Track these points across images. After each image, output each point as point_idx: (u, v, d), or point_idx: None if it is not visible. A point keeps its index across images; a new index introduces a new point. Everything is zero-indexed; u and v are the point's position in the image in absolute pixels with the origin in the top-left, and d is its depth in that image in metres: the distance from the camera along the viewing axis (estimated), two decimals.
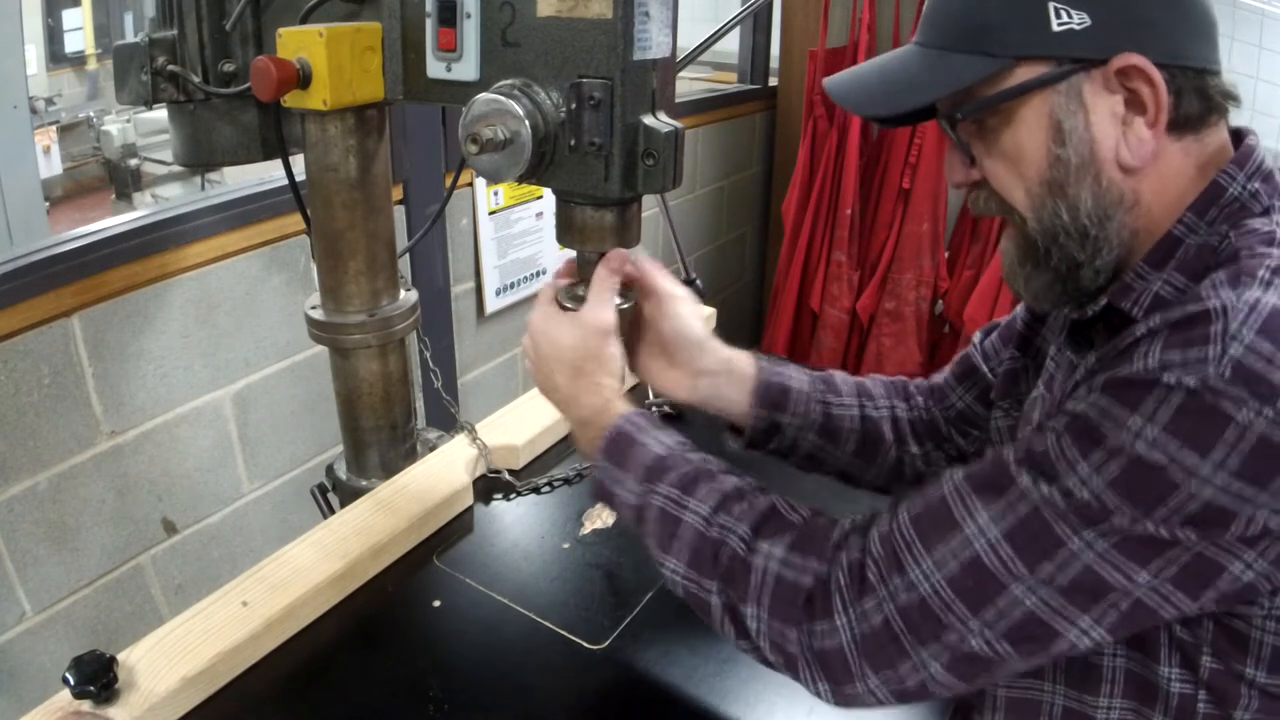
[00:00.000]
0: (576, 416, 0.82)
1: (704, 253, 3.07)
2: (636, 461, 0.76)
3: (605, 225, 0.81)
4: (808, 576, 0.66)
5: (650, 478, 0.75)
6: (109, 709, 0.79)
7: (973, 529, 0.61)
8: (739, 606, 0.69)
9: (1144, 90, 0.62)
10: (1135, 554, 0.56)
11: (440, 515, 1.09)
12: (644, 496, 0.74)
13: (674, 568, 0.73)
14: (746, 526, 0.70)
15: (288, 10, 0.95)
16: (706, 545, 0.71)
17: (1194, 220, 0.64)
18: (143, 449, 1.49)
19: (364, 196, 1.01)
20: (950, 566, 0.61)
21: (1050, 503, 0.58)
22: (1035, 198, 0.68)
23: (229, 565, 1.67)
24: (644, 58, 0.74)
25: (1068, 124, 0.64)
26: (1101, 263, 0.67)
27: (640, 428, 0.78)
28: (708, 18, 3.77)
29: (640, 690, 0.86)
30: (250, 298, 1.59)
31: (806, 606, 0.66)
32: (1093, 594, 0.58)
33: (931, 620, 0.61)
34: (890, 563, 0.63)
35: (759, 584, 0.68)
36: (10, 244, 1.80)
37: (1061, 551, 0.57)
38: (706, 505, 0.72)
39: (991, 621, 0.60)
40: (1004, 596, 0.59)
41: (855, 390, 0.98)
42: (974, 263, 2.66)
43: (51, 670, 1.39)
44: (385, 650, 0.91)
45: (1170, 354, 0.55)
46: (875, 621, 0.63)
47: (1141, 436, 0.54)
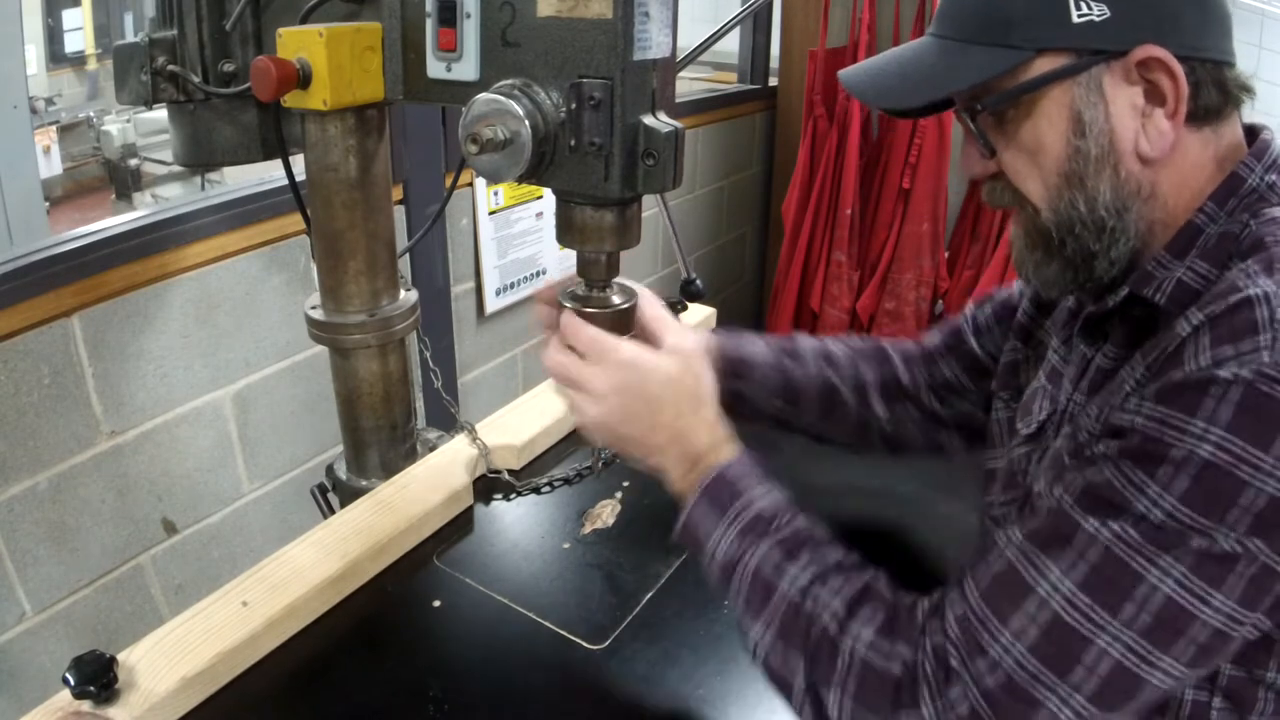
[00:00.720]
0: (680, 452, 0.76)
1: (704, 253, 3.07)
2: (739, 512, 0.72)
3: (605, 225, 0.80)
4: (896, 664, 0.63)
5: (753, 532, 0.71)
6: (109, 709, 0.78)
7: (1046, 588, 0.59)
8: (821, 690, 0.65)
9: (1164, 82, 0.62)
10: (1212, 575, 0.55)
11: (440, 515, 1.09)
12: (740, 552, 0.71)
13: (760, 635, 0.69)
14: (841, 603, 0.67)
15: (288, 10, 0.95)
16: (799, 619, 0.67)
17: (1214, 210, 0.64)
18: (143, 449, 1.49)
19: (364, 196, 1.01)
20: (1029, 634, 0.59)
21: (1122, 538, 0.56)
22: (1052, 189, 0.67)
23: (229, 565, 1.67)
24: (644, 58, 0.74)
25: (1088, 115, 0.64)
26: (1117, 254, 0.67)
27: (747, 476, 0.74)
28: (708, 18, 3.77)
29: (640, 690, 0.86)
30: (250, 298, 1.59)
31: (895, 697, 0.62)
32: (1175, 629, 0.56)
33: (1019, 698, 0.58)
34: (970, 645, 0.61)
35: (845, 668, 0.65)
36: (10, 244, 1.80)
37: (1141, 587, 0.56)
38: (806, 575, 0.69)
39: (1079, 683, 0.57)
40: (1089, 652, 0.57)
41: (818, 355, 0.97)
42: (974, 263, 2.66)
43: (51, 670, 1.39)
44: (385, 650, 0.91)
45: (1221, 349, 0.55)
46: (962, 712, 0.60)
47: (1206, 440, 0.54)
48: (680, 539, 0.77)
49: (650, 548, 1.06)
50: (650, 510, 1.14)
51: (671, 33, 0.77)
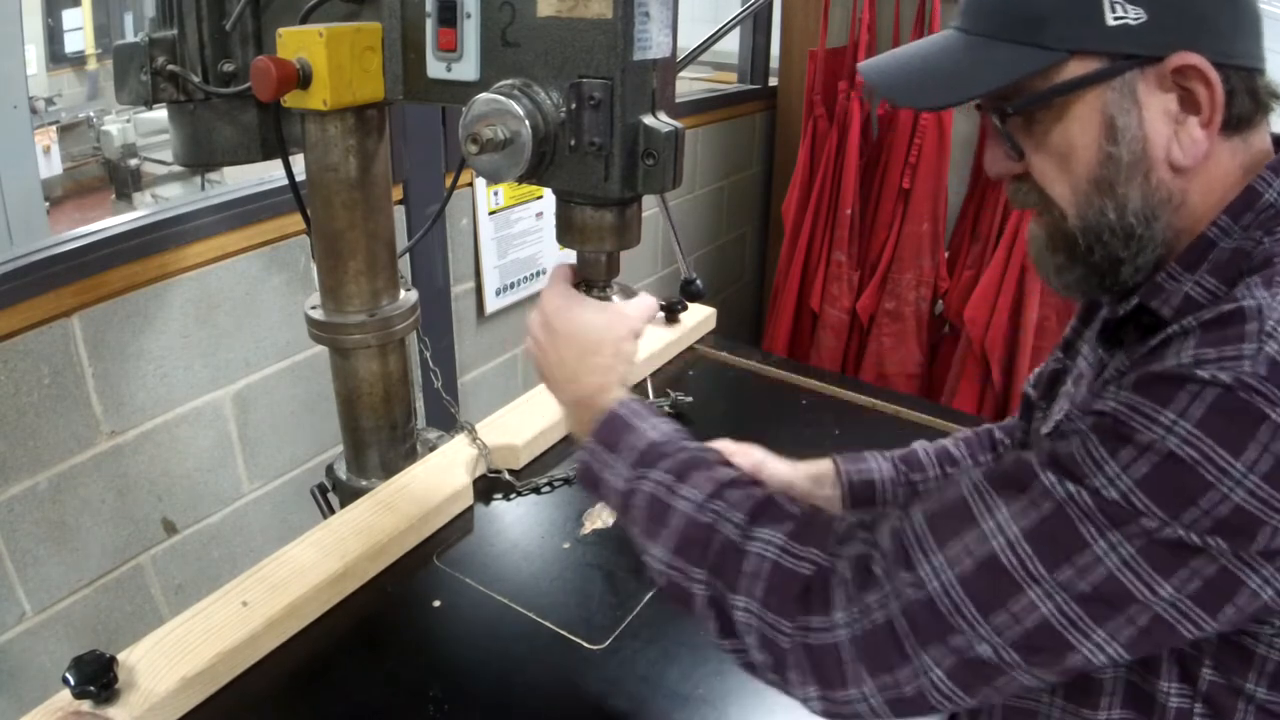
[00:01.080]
0: (574, 396, 0.80)
1: (704, 253, 3.07)
2: (630, 446, 0.74)
3: (605, 225, 0.81)
4: (806, 566, 0.63)
5: (643, 462, 0.72)
6: (109, 709, 0.79)
7: (990, 525, 0.58)
8: (727, 596, 0.65)
9: (1200, 90, 0.61)
10: (1160, 563, 0.54)
11: (440, 515, 1.09)
12: (634, 482, 0.72)
13: (658, 555, 0.69)
14: (743, 514, 0.67)
15: (288, 10, 0.95)
16: (697, 531, 0.67)
17: (1228, 224, 0.63)
18: (143, 449, 1.49)
19: (364, 196, 1.01)
20: (964, 564, 0.58)
21: (1075, 501, 0.56)
22: (1082, 195, 0.66)
23: (229, 565, 1.67)
24: (644, 58, 0.74)
25: (1121, 121, 0.63)
26: (1143, 260, 0.66)
27: (637, 413, 0.76)
28: (708, 18, 3.77)
29: (640, 690, 0.86)
30: (250, 298, 1.59)
31: (803, 598, 0.62)
32: (1112, 604, 0.55)
33: (938, 621, 0.58)
34: (898, 557, 0.61)
35: (753, 571, 0.64)
36: (10, 244, 1.80)
37: (1085, 554, 0.55)
38: (701, 492, 0.69)
39: (1003, 626, 0.57)
40: (1019, 600, 0.56)
41: (937, 460, 0.99)
42: (974, 263, 2.66)
43: (51, 670, 1.39)
44: (385, 650, 0.91)
45: (1204, 350, 0.54)
46: (877, 619, 0.60)
47: (1173, 433, 0.53)
48: (580, 481, 0.78)
49: None
50: None
51: (671, 33, 0.77)
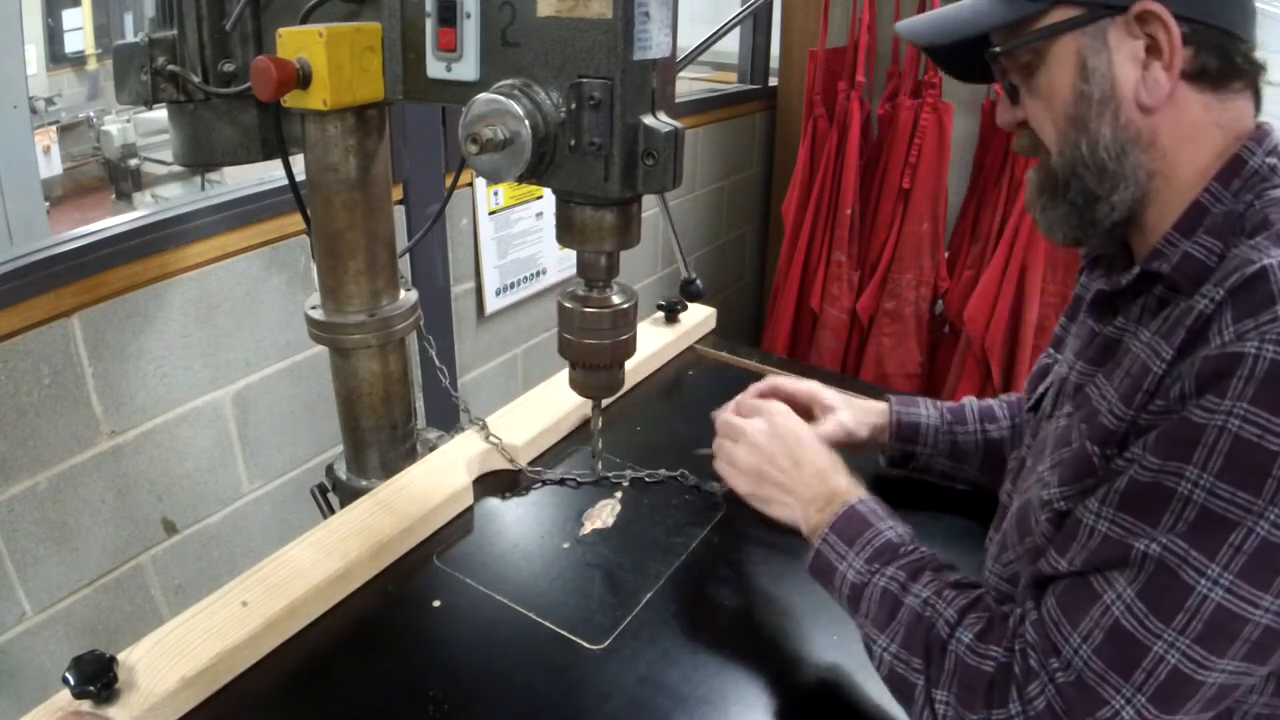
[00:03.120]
0: (818, 490, 0.87)
1: (704, 253, 3.07)
2: (868, 542, 0.81)
3: (605, 225, 0.81)
4: (989, 664, 0.69)
5: (879, 559, 0.79)
6: (109, 709, 0.79)
7: (1110, 597, 0.64)
8: (932, 691, 0.71)
9: (1160, 35, 0.67)
10: (1257, 578, 0.58)
11: (440, 515, 1.09)
12: (870, 576, 0.78)
13: (885, 646, 0.76)
14: (954, 611, 0.73)
15: (288, 10, 0.95)
16: (919, 627, 0.74)
17: (1219, 190, 0.69)
18: (143, 449, 1.49)
19: (364, 196, 1.01)
20: (1095, 638, 0.64)
21: (1171, 550, 0.61)
22: (1062, 132, 0.73)
23: (229, 565, 1.67)
24: (644, 58, 0.74)
25: (1092, 62, 0.70)
26: (1118, 198, 0.72)
27: (876, 513, 0.83)
28: (708, 18, 3.77)
29: (640, 690, 0.86)
30: (250, 298, 1.59)
31: (987, 695, 0.68)
32: (1227, 634, 0.60)
33: (1087, 695, 0.63)
34: (1045, 646, 0.67)
35: (951, 668, 0.71)
36: (10, 244, 1.80)
37: (1192, 597, 0.60)
38: (927, 590, 0.75)
39: (1141, 684, 0.62)
40: (1149, 657, 0.61)
41: (979, 416, 1.09)
42: (974, 263, 2.66)
43: (51, 670, 1.39)
44: (385, 650, 0.91)
45: (1243, 323, 0.59)
46: (1039, 706, 0.65)
47: (1234, 414, 0.58)
48: (812, 569, 0.85)
49: (650, 548, 1.06)
50: (650, 510, 1.14)
51: (671, 33, 0.77)
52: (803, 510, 0.87)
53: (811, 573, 0.85)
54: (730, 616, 0.96)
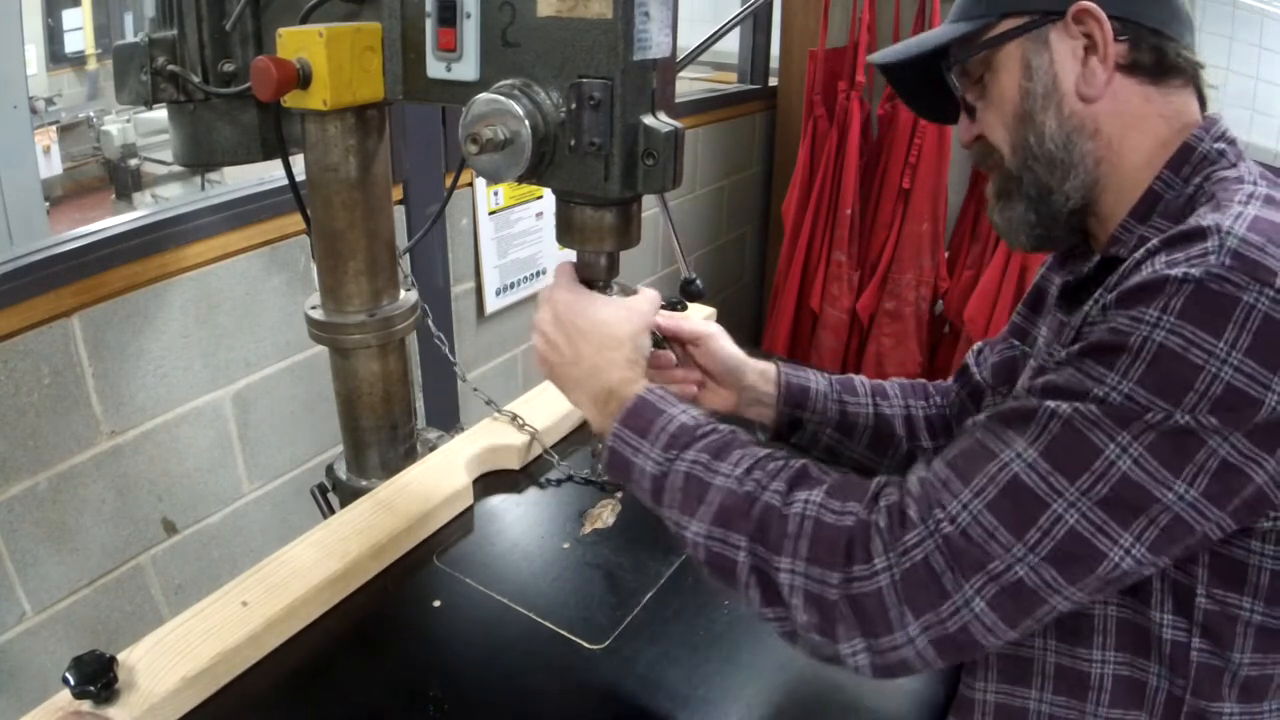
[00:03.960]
0: (595, 389, 0.80)
1: (704, 253, 3.07)
2: (661, 429, 0.75)
3: (605, 225, 0.81)
4: (848, 518, 0.66)
5: (676, 444, 0.74)
6: (109, 709, 0.79)
7: (1009, 454, 0.62)
8: (771, 560, 0.67)
9: (1095, 31, 0.72)
10: (1169, 458, 0.58)
11: (440, 515, 1.09)
12: (669, 463, 0.73)
13: (697, 529, 0.71)
14: (782, 481, 0.69)
15: (288, 10, 0.95)
16: (738, 501, 0.69)
17: (1170, 176, 0.73)
18: (143, 449, 1.49)
19: (364, 196, 1.01)
20: (989, 493, 0.62)
21: (1082, 412, 0.60)
22: (1011, 130, 0.78)
23: (229, 565, 1.67)
24: (644, 58, 0.74)
25: (1035, 61, 0.75)
26: (1070, 186, 0.76)
27: (665, 399, 0.78)
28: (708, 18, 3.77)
29: (640, 690, 0.86)
30: (250, 298, 1.59)
31: (847, 550, 0.64)
32: (1133, 507, 0.59)
33: (974, 549, 0.61)
34: (930, 499, 0.64)
35: (796, 531, 0.66)
36: (10, 244, 1.80)
37: (1099, 460, 0.59)
38: (739, 468, 0.71)
39: (1035, 543, 0.60)
40: (1046, 515, 0.60)
41: (871, 391, 1.04)
42: (974, 263, 2.66)
43: (51, 670, 1.39)
44: (385, 650, 0.91)
45: (1174, 256, 0.61)
46: (916, 557, 0.62)
47: (1159, 326, 0.58)
48: (608, 471, 0.79)
49: (650, 548, 1.06)
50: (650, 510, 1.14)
51: (671, 33, 0.77)
52: (588, 409, 0.81)
53: (608, 472, 0.79)
54: (730, 616, 0.96)
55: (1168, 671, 0.68)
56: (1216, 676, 0.67)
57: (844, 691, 0.86)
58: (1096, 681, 0.71)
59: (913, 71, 0.85)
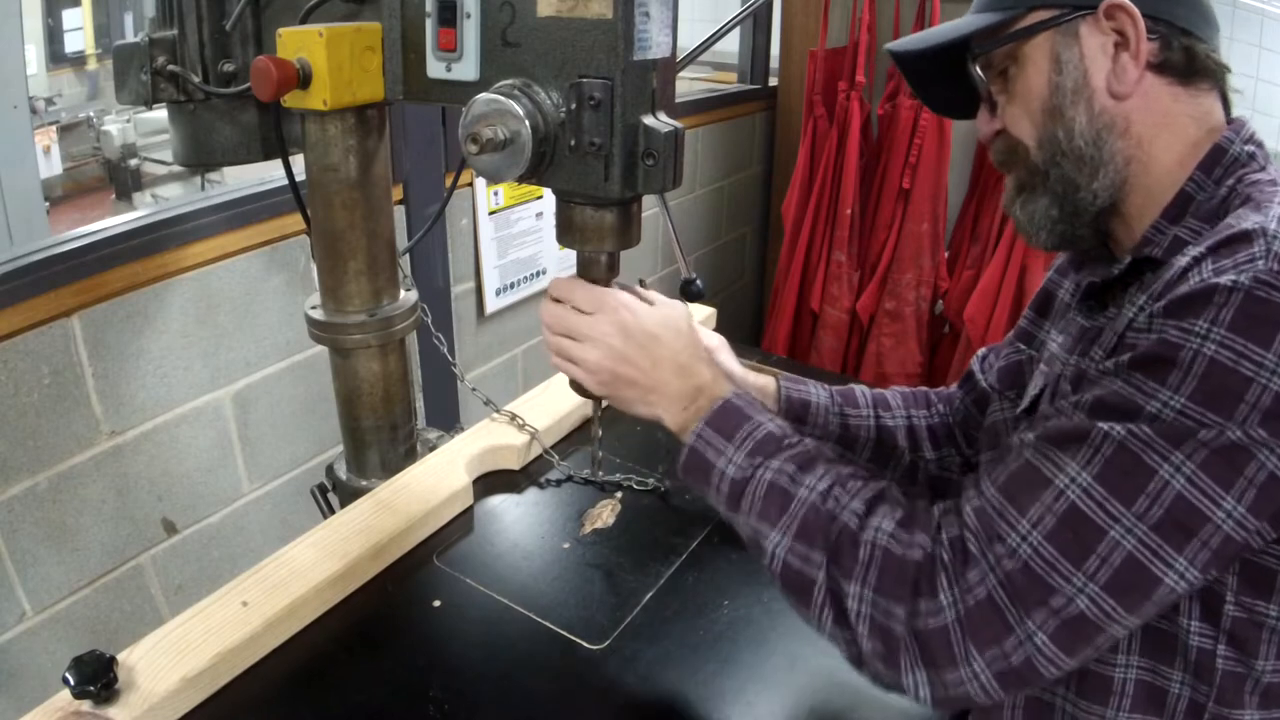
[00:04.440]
0: (682, 387, 0.79)
1: (704, 253, 3.07)
2: (749, 435, 0.75)
3: (605, 225, 0.81)
4: (915, 551, 0.65)
5: (762, 451, 0.74)
6: (109, 709, 0.79)
7: (1064, 480, 0.61)
8: (843, 585, 0.67)
9: (1127, 26, 0.71)
10: (1221, 475, 0.57)
11: (440, 515, 1.09)
12: (753, 470, 0.73)
13: (778, 540, 0.70)
14: (860, 503, 0.69)
15: (288, 10, 0.95)
16: (819, 518, 0.69)
17: (1202, 178, 0.71)
18: (143, 449, 1.49)
19: (364, 196, 1.01)
20: (1047, 523, 0.61)
21: (1136, 434, 0.59)
22: (1039, 125, 0.76)
23: (229, 565, 1.67)
24: (644, 58, 0.74)
25: (1064, 55, 0.74)
26: (1099, 185, 0.74)
27: (753, 405, 0.77)
28: (708, 18, 3.77)
29: (640, 690, 0.86)
30: (250, 298, 1.59)
31: (914, 584, 0.64)
32: (1186, 529, 0.58)
33: (1036, 583, 0.60)
34: (988, 533, 0.63)
35: (867, 559, 0.66)
36: (10, 244, 1.80)
37: (1154, 481, 0.58)
38: (824, 483, 0.71)
39: (1094, 572, 0.59)
40: (1104, 543, 0.59)
41: (872, 402, 1.03)
42: (974, 263, 2.66)
43: (51, 670, 1.39)
44: (385, 650, 0.91)
45: (1221, 263, 0.60)
46: (979, 595, 0.61)
47: (1210, 339, 0.58)
48: (684, 469, 0.78)
49: (650, 548, 1.06)
50: (650, 510, 1.14)
51: (671, 33, 0.77)
52: (668, 408, 0.79)
53: (683, 472, 0.78)
54: (730, 616, 0.96)
55: (1191, 679, 0.68)
56: (1239, 683, 0.66)
57: (844, 692, 0.86)
58: (1119, 686, 0.70)
59: (929, 63, 0.83)
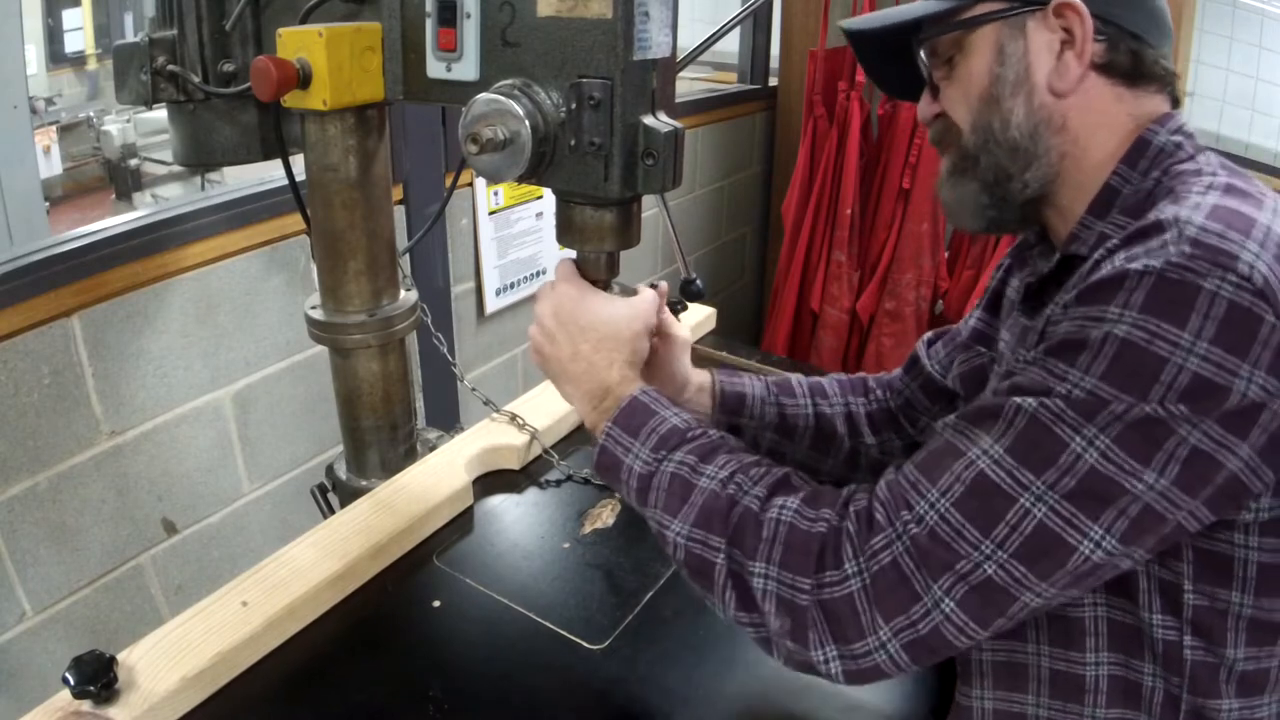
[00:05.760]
0: (592, 386, 0.80)
1: (704, 253, 3.07)
2: (653, 430, 0.76)
3: (605, 225, 0.81)
4: (820, 525, 0.66)
5: (666, 445, 0.75)
6: (109, 709, 0.79)
7: (975, 452, 0.62)
8: (747, 565, 0.67)
9: (1075, 24, 0.71)
10: (1137, 448, 0.57)
11: (440, 515, 1.09)
12: (657, 464, 0.74)
13: (679, 530, 0.71)
14: (762, 488, 0.70)
15: (288, 10, 0.95)
16: (719, 503, 0.70)
17: (1126, 170, 0.72)
18: (143, 449, 1.49)
19: (364, 196, 1.01)
20: (955, 491, 0.61)
21: (1047, 407, 0.60)
22: (974, 111, 0.76)
23: (229, 565, 1.67)
24: (644, 58, 0.74)
25: (1009, 48, 0.74)
26: (1030, 176, 0.75)
27: (659, 401, 0.78)
28: (708, 18, 3.77)
29: (640, 690, 0.86)
30: (250, 298, 1.59)
31: (819, 555, 0.65)
32: (1101, 498, 0.58)
33: (942, 548, 0.60)
34: (897, 502, 0.64)
35: (771, 536, 0.67)
36: (10, 244, 1.80)
37: (1065, 454, 0.58)
38: (724, 471, 0.72)
39: (1003, 539, 0.59)
40: (1014, 510, 0.59)
41: (809, 391, 1.04)
42: (974, 263, 2.66)
43: (51, 670, 1.39)
44: (385, 650, 0.91)
45: (1133, 251, 0.60)
46: (884, 560, 0.62)
47: (1122, 321, 0.58)
48: (597, 469, 0.79)
49: (650, 548, 1.06)
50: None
51: (671, 33, 0.77)
52: (580, 404, 0.81)
53: (598, 470, 0.79)
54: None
55: (1162, 670, 0.68)
56: (1212, 673, 0.67)
57: (843, 693, 0.86)
58: (1092, 684, 0.70)
59: (879, 43, 0.84)
